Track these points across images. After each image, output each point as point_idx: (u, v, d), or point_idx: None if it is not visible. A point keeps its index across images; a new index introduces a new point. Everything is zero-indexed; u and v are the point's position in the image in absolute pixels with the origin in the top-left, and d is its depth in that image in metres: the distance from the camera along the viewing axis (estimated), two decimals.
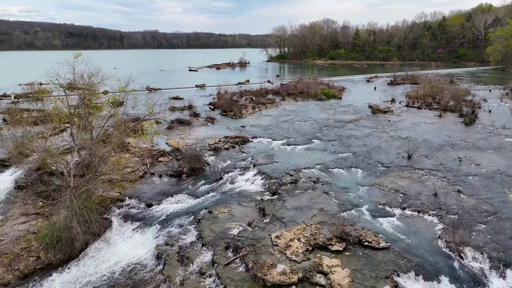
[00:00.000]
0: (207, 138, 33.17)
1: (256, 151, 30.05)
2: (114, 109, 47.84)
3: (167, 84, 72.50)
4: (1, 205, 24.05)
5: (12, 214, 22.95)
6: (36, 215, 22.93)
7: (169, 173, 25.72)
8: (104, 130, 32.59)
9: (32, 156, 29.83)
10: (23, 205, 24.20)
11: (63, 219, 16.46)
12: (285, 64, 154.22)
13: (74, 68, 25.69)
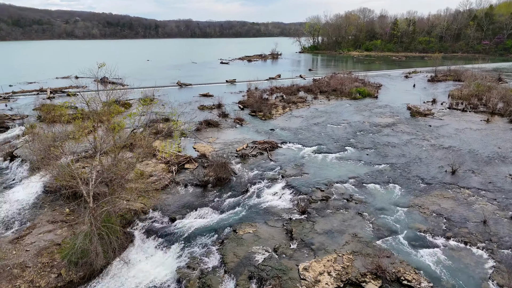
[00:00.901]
0: (234, 143, 32.05)
1: (285, 159, 28.60)
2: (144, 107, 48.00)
3: (198, 78, 72.02)
4: (30, 210, 24.23)
5: (40, 221, 23.02)
6: (62, 223, 22.85)
7: (194, 183, 24.87)
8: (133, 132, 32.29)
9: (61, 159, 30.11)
10: (51, 211, 24.22)
11: (83, 238, 15.90)
12: (318, 56, 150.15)
13: (97, 78, 24.80)
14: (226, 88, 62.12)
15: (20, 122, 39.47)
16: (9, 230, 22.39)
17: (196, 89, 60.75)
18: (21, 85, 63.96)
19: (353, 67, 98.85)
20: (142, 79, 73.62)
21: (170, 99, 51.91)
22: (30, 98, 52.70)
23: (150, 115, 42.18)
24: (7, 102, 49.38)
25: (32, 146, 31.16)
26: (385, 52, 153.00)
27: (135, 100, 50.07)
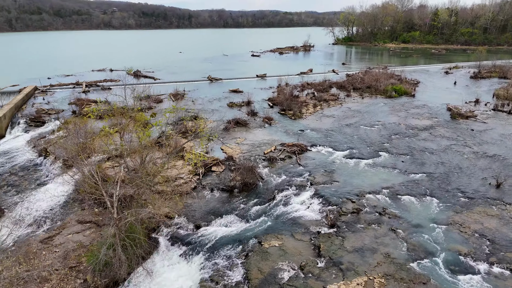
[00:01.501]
0: (262, 144, 31.30)
1: (314, 164, 27.56)
2: (175, 102, 48.13)
3: (228, 73, 71.54)
4: (61, 208, 24.77)
5: (69, 221, 23.44)
6: (91, 223, 23.18)
7: (220, 187, 24.43)
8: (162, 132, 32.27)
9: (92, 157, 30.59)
10: (80, 210, 24.64)
11: (108, 246, 15.82)
12: (352, 48, 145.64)
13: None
14: (256, 83, 61.28)
15: (56, 116, 40.51)
16: (41, 228, 22.97)
17: (226, 84, 60.31)
18: (58, 78, 65.96)
19: (389, 61, 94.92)
20: (174, 72, 74.23)
21: (200, 94, 51.82)
22: (67, 91, 54.12)
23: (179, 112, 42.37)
24: (44, 96, 50.95)
25: (65, 144, 31.88)
26: (423, 45, 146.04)
27: (166, 96, 50.28)
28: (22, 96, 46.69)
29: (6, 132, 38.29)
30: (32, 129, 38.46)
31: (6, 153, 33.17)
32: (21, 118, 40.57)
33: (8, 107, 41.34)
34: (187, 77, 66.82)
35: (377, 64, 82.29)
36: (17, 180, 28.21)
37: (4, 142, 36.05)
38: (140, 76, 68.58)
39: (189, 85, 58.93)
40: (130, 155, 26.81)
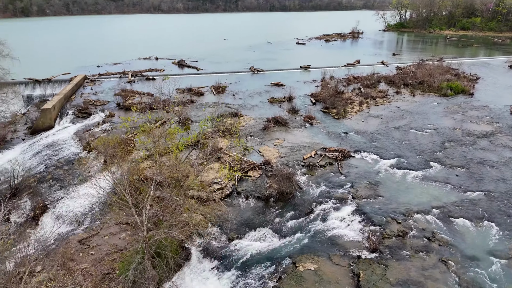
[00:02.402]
0: (302, 148, 29.88)
1: (357, 173, 25.80)
2: (216, 95, 47.69)
3: (271, 63, 69.87)
4: (100, 206, 25.21)
5: (107, 221, 23.83)
6: (127, 225, 23.37)
7: (256, 195, 23.56)
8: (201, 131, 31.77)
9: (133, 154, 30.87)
10: (118, 209, 24.94)
11: (136, 265, 15.55)
12: (404, 36, 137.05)
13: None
14: (299, 76, 59.24)
15: (101, 108, 41.52)
16: (80, 227, 23.52)
17: (268, 76, 58.87)
18: (107, 66, 67.81)
19: (444, 51, 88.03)
20: (217, 61, 73.81)
21: (242, 87, 50.90)
22: (113, 81, 55.42)
23: (219, 108, 41.83)
24: (93, 85, 52.47)
25: (107, 139, 32.47)
26: (485, 32, 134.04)
27: (208, 88, 49.92)
28: (72, 86, 48.41)
29: (55, 123, 39.88)
30: (79, 120, 39.73)
31: (54, 145, 34.50)
32: (69, 109, 42.09)
33: (57, 97, 43.00)
34: (229, 67, 66.11)
35: (431, 56, 76.62)
36: (62, 174, 29.17)
37: (53, 134, 37.55)
38: (184, 66, 68.90)
39: (231, 76, 58.17)
40: (167, 155, 26.70)
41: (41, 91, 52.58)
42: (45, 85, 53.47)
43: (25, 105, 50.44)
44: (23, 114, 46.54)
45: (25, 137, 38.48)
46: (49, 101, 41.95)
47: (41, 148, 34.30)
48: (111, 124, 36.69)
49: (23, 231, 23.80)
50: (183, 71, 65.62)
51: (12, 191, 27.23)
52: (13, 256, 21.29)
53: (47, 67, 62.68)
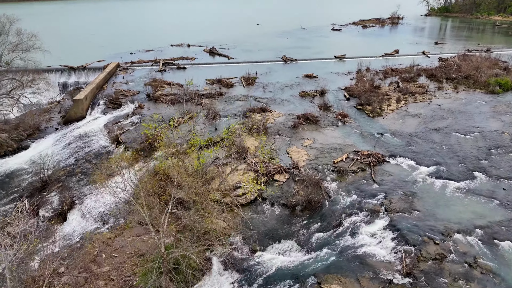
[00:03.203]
0: (333, 150, 28.33)
1: (392, 182, 24.08)
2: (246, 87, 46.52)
3: (304, 52, 67.44)
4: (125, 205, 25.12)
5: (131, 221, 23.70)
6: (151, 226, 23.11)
7: (282, 202, 22.52)
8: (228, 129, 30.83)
9: None
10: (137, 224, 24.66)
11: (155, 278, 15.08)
12: (448, 21, 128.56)
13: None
14: (333, 66, 56.73)
15: (131, 99, 41.53)
16: (106, 225, 23.58)
17: (300, 66, 56.85)
18: (140, 53, 68.01)
19: (492, 40, 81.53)
20: (248, 49, 72.26)
21: (272, 79, 49.39)
22: (145, 69, 55.49)
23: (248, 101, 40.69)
24: (124, 74, 52.74)
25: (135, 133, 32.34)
26: None
27: (238, 80, 48.77)
28: (104, 75, 48.83)
29: (87, 113, 40.38)
30: (109, 111, 39.96)
31: (84, 136, 34.90)
32: (101, 99, 42.43)
33: (90, 87, 43.46)
34: (261, 56, 64.45)
35: (478, 45, 71.15)
36: (90, 169, 29.40)
37: (84, 124, 38.03)
38: (215, 54, 67.96)
39: (262, 66, 56.63)
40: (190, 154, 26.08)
41: (75, 79, 53.57)
42: (79, 73, 54.39)
43: (60, 93, 51.66)
44: (58, 102, 47.65)
45: (58, 127, 39.28)
46: (82, 91, 42.49)
47: (72, 139, 34.82)
48: (140, 116, 36.57)
49: (51, 226, 24.24)
50: (214, 59, 64.76)
51: (42, 183, 27.83)
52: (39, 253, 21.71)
53: (82, 54, 63.71)
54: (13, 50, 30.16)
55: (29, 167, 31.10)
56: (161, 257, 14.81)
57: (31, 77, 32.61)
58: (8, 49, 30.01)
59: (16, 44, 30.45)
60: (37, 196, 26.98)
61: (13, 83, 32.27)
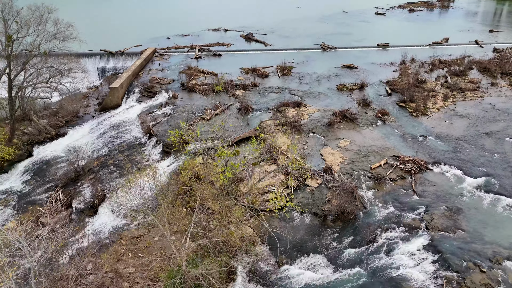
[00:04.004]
0: (370, 153, 26.57)
1: (434, 193, 22.20)
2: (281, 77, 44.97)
3: (344, 38, 64.24)
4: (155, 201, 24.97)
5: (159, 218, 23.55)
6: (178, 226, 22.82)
7: (312, 211, 21.40)
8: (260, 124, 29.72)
9: None
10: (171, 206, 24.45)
11: None
12: (505, 5, 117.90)
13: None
14: (375, 56, 53.56)
15: (165, 88, 41.28)
16: (134, 222, 23.63)
17: (340, 55, 54.16)
18: (176, 38, 67.62)
19: None
20: (286, 36, 69.92)
21: (309, 69, 47.34)
22: (181, 56, 55.07)
23: (282, 93, 39.18)
24: (161, 60, 52.62)
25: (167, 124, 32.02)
26: None
27: (273, 69, 47.17)
28: (141, 61, 48.95)
29: (122, 101, 40.73)
30: (144, 100, 40.01)
31: (119, 126, 35.18)
32: (136, 87, 42.55)
33: (126, 74, 43.72)
34: (298, 43, 62.15)
35: None
36: (122, 161, 29.56)
37: (119, 113, 38.38)
38: (251, 40, 66.35)
39: (299, 54, 54.53)
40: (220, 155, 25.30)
41: (114, 64, 54.30)
42: (117, 58, 55.01)
43: (99, 77, 52.65)
44: (96, 88, 48.57)
45: (95, 114, 39.97)
46: (118, 78, 42.80)
47: (107, 128, 35.23)
48: (173, 107, 36.25)
49: (82, 219, 24.68)
50: (250, 45, 63.27)
51: (76, 174, 28.35)
52: (71, 246, 22.15)
53: (121, 38, 64.15)
54: (51, 39, 30.42)
55: (65, 155, 31.84)
56: (183, 273, 14.32)
57: (69, 66, 32.87)
58: (47, 38, 30.28)
59: (54, 34, 30.65)
60: (71, 186, 27.61)
61: (51, 71, 32.74)
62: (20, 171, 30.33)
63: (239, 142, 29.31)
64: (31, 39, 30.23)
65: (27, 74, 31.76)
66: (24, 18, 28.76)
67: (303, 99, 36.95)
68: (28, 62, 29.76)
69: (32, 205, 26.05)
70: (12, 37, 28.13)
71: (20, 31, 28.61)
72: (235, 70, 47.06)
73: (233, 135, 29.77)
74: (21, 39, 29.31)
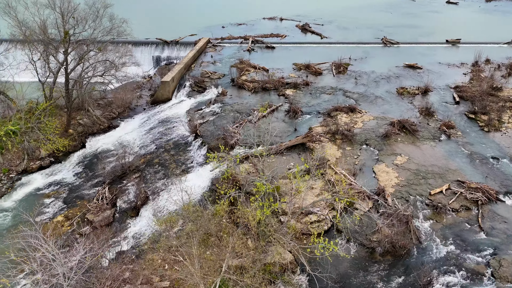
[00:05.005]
0: (430, 174, 23.83)
1: (505, 232, 19.33)
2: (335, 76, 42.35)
3: (409, 32, 59.15)
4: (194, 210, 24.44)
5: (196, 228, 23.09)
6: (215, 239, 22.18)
7: (359, 240, 19.57)
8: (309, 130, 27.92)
9: None
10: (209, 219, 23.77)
11: None
12: None
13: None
14: (443, 54, 48.64)
15: (215, 83, 40.59)
16: (174, 228, 23.26)
17: (402, 51, 50.00)
18: (231, 27, 66.61)
19: None
20: (344, 27, 66.09)
21: (367, 67, 44.09)
22: (234, 47, 54.08)
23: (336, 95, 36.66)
24: (213, 52, 52.00)
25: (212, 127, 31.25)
26: None
27: (328, 65, 44.50)
28: (193, 53, 48.70)
29: (173, 95, 40.80)
30: (194, 95, 39.68)
31: (167, 122, 35.28)
32: (187, 80, 42.27)
33: (178, 67, 43.67)
34: (358, 36, 58.41)
35: None
36: (168, 160, 29.46)
37: (169, 107, 38.51)
38: (307, 31, 63.51)
39: (357, 49, 51.16)
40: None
41: (168, 53, 54.91)
42: (172, 47, 55.48)
43: (153, 66, 53.57)
44: (150, 78, 49.38)
45: (146, 107, 40.56)
46: (170, 72, 42.90)
47: (156, 123, 35.49)
48: (221, 105, 35.49)
49: (124, 220, 24.97)
50: (306, 37, 60.70)
51: (123, 171, 28.75)
52: (111, 249, 22.47)
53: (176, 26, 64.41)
54: (106, 35, 30.79)
55: (115, 149, 32.57)
56: None
57: (123, 60, 33.24)
58: (102, 33, 30.69)
59: (110, 29, 30.96)
60: (117, 183, 28.12)
61: (106, 65, 33.34)
62: (73, 162, 31.56)
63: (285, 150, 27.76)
64: (87, 34, 30.81)
65: (83, 68, 32.65)
66: (81, 14, 29.24)
67: (358, 103, 34.38)
68: (83, 57, 30.35)
69: (80, 199, 26.95)
70: (69, 33, 28.72)
71: (77, 26, 29.16)
72: (288, 66, 45.17)
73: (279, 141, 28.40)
74: (77, 34, 29.90)
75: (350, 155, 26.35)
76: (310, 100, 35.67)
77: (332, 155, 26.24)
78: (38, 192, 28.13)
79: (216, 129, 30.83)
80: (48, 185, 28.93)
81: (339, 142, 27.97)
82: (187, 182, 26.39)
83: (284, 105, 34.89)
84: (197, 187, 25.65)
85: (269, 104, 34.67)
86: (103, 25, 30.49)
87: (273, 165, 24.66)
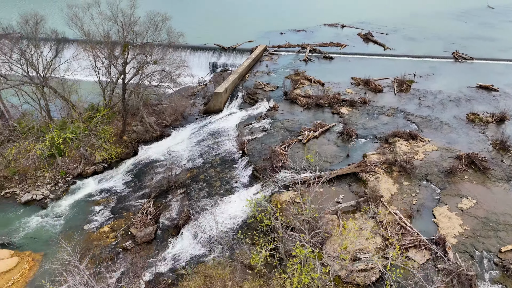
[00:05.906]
0: (502, 225, 20.75)
1: None
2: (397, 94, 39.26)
3: (485, 45, 53.66)
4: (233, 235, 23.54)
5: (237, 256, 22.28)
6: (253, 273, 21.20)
7: None
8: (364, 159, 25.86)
9: None
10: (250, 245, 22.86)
11: None
12: None
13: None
14: None
15: (267, 96, 39.58)
16: (211, 254, 22.69)
17: (476, 69, 45.30)
18: (290, 34, 65.35)
19: None
20: (411, 37, 61.82)
21: (433, 86, 40.44)
22: (290, 56, 52.76)
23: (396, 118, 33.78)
24: (269, 61, 51.07)
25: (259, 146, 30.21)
26: None
27: (389, 82, 41.43)
28: (249, 62, 48.14)
29: (225, 106, 40.56)
30: (245, 107, 39.09)
31: (216, 134, 35.02)
32: (240, 91, 41.82)
33: (232, 78, 43.36)
34: (425, 48, 54.16)
35: None
36: (213, 177, 29.03)
37: (220, 119, 38.28)
38: (369, 40, 60.29)
39: (424, 64, 47.42)
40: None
41: (224, 60, 55.12)
42: (229, 53, 55.60)
43: (210, 72, 54.05)
44: (205, 85, 49.78)
45: (198, 116, 40.80)
46: (224, 82, 42.69)
47: (206, 135, 35.42)
48: (271, 121, 34.40)
49: (166, 238, 24.92)
50: (367, 47, 57.53)
51: (169, 185, 28.79)
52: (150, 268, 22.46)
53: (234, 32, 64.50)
54: (163, 48, 31.17)
55: (165, 159, 32.98)
56: None
57: (178, 71, 33.49)
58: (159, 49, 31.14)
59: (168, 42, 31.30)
60: (162, 197, 28.27)
61: (161, 75, 33.84)
62: (124, 170, 32.44)
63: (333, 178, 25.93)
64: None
65: (140, 77, 33.41)
66: (140, 28, 29.85)
67: (421, 129, 31.43)
68: (140, 69, 30.96)
69: (126, 211, 27.49)
70: (128, 46, 29.41)
71: (135, 40, 29.79)
72: (345, 80, 42.92)
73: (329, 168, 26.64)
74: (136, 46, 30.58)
75: (408, 191, 23.91)
76: (367, 122, 33.31)
77: (387, 190, 24.01)
78: (90, 199, 29.19)
79: (263, 148, 29.80)
80: (99, 192, 29.97)
81: (395, 174, 25.58)
82: (230, 205, 25.82)
83: (337, 125, 32.95)
84: (240, 211, 24.81)
85: (321, 123, 32.93)
86: (161, 37, 30.82)
87: (320, 195, 23.11)
